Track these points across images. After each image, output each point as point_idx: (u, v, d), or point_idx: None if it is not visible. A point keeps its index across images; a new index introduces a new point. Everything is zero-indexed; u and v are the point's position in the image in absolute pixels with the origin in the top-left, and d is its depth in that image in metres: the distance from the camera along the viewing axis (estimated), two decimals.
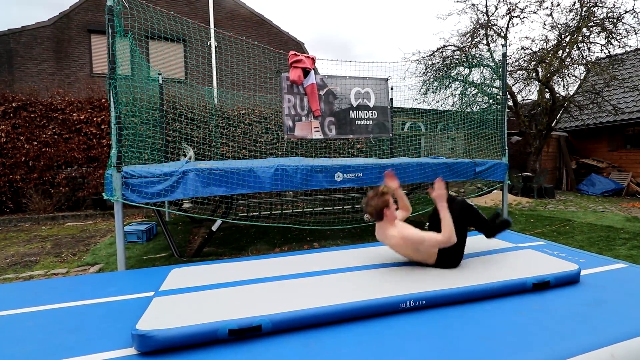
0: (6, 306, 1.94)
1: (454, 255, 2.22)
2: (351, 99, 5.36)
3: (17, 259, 4.12)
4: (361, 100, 5.43)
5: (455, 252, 2.21)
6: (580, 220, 5.96)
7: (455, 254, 2.22)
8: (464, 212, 2.32)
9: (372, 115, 5.50)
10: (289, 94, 4.93)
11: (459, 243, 2.17)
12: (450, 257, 2.21)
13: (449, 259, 2.21)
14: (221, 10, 11.04)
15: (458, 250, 2.23)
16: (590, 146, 11.40)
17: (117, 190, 3.02)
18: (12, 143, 6.62)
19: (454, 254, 2.22)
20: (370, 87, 5.49)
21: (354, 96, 5.38)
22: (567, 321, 1.65)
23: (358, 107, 5.41)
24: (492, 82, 6.20)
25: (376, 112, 5.54)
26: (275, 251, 4.32)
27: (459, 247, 2.22)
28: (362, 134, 5.50)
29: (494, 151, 5.23)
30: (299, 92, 4.98)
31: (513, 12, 9.00)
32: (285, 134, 4.92)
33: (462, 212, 2.29)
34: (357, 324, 1.65)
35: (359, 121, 5.43)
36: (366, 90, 5.47)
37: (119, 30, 3.18)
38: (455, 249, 2.19)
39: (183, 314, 1.59)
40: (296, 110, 4.96)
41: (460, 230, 2.19)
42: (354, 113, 5.38)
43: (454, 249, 2.18)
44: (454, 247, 2.17)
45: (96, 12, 9.79)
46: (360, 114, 5.42)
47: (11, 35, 9.25)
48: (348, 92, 5.32)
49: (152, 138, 5.02)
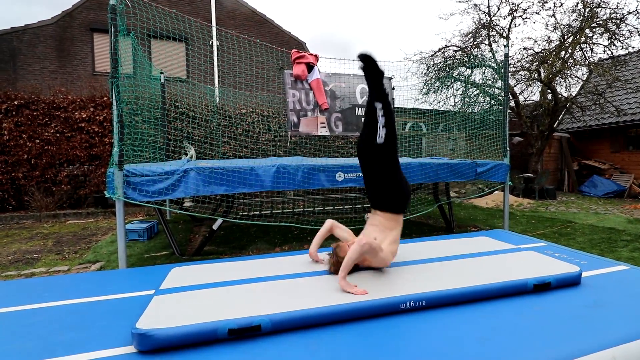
0: (8, 303, 1.94)
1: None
2: (357, 96, 5.32)
3: (19, 256, 4.13)
4: (366, 97, 5.41)
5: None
6: (581, 222, 5.95)
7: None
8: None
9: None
10: (293, 89, 4.90)
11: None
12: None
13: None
14: (223, 10, 11.05)
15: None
16: (592, 147, 11.36)
17: (118, 188, 3.03)
18: (14, 141, 6.64)
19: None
20: None
21: (359, 93, 5.34)
22: (568, 323, 1.65)
23: (363, 103, 5.38)
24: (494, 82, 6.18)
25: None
26: (275, 250, 4.32)
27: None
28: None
29: (495, 152, 5.22)
30: (303, 87, 4.95)
31: (515, 13, 8.98)
32: (289, 130, 4.87)
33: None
34: (357, 325, 1.65)
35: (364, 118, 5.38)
36: None
37: (122, 29, 3.19)
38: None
39: (183, 313, 1.59)
40: (301, 105, 4.90)
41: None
42: (359, 110, 5.33)
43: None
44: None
45: (99, 11, 9.81)
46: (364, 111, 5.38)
47: (14, 33, 9.28)
48: (353, 90, 5.28)
49: (153, 137, 5.03)
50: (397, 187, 2.04)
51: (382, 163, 2.04)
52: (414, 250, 2.74)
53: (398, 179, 2.07)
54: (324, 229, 2.32)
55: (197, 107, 6.71)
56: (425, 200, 6.91)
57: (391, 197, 2.05)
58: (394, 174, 2.06)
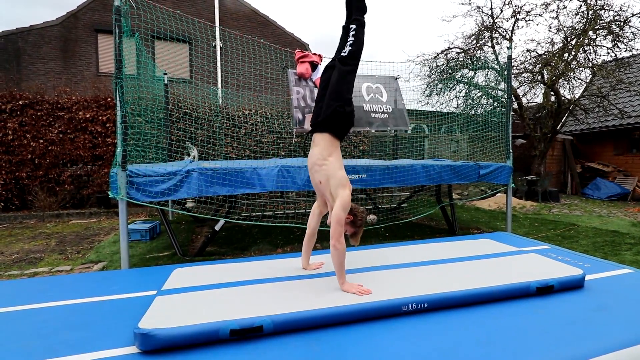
0: (11, 302, 1.96)
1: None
2: (363, 93, 5.30)
3: (22, 256, 4.15)
4: (373, 94, 5.38)
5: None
6: (585, 225, 5.92)
7: None
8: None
9: (386, 109, 5.42)
10: (297, 86, 4.90)
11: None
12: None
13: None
14: (226, 11, 11.09)
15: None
16: (595, 150, 11.31)
17: (121, 188, 3.04)
18: (18, 140, 6.68)
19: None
20: (380, 83, 5.46)
21: (366, 90, 5.33)
22: (571, 326, 1.64)
23: (371, 100, 5.35)
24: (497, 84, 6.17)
25: (390, 107, 5.46)
26: (277, 252, 4.32)
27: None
28: (379, 127, 5.41)
29: (498, 154, 5.20)
30: (307, 85, 4.96)
31: (518, 15, 8.97)
32: (295, 127, 4.85)
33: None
34: (359, 326, 1.65)
35: (374, 114, 5.33)
36: (377, 86, 5.43)
37: (126, 30, 3.20)
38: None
39: (185, 314, 1.60)
40: (306, 101, 4.88)
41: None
42: (367, 106, 5.30)
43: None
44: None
45: (103, 12, 9.87)
46: (374, 107, 5.34)
47: (19, 34, 9.35)
48: (359, 87, 5.26)
49: (156, 137, 5.05)
50: (342, 108, 2.05)
51: (338, 75, 2.08)
52: (417, 252, 2.74)
53: (346, 98, 2.10)
54: (306, 239, 2.33)
55: (200, 108, 6.73)
56: (427, 202, 6.89)
57: (336, 117, 2.04)
58: (344, 91, 2.09)
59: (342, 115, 2.04)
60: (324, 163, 2.01)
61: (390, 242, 3.51)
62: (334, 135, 2.05)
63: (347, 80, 2.10)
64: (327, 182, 1.99)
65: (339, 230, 1.89)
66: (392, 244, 3.10)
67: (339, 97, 2.05)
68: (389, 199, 7.64)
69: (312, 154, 2.08)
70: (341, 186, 1.95)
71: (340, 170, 2.01)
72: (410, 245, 3.03)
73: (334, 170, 1.99)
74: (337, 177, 1.97)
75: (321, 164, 2.02)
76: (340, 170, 2.01)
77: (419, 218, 6.08)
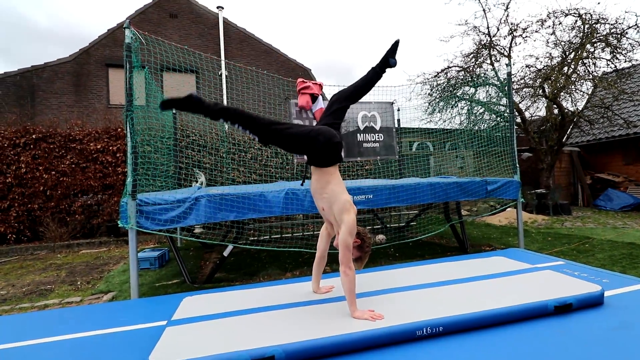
0: (22, 337, 1.95)
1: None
2: (358, 122, 5.46)
3: (32, 288, 4.17)
4: (368, 123, 5.54)
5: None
6: (600, 238, 5.77)
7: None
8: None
9: (378, 137, 5.60)
10: (298, 119, 5.05)
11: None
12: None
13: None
14: (231, 42, 11.53)
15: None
16: (604, 160, 11.18)
17: (132, 217, 3.08)
18: (31, 173, 6.86)
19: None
20: (376, 110, 5.60)
21: (361, 119, 5.49)
22: (592, 346, 1.58)
23: (365, 130, 5.51)
24: (499, 100, 6.22)
25: (382, 135, 5.64)
26: (286, 276, 4.28)
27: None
28: (369, 156, 5.57)
29: (505, 169, 5.18)
30: (307, 117, 5.09)
31: (515, 32, 9.16)
32: (295, 158, 4.99)
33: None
34: (372, 354, 1.61)
35: (366, 144, 5.52)
36: (372, 114, 5.58)
37: (137, 65, 3.35)
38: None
39: (195, 345, 1.58)
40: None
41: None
42: (361, 136, 5.48)
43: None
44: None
45: (113, 47, 10.33)
46: (367, 137, 5.52)
47: (34, 71, 9.79)
48: (355, 116, 5.43)
49: (165, 165, 5.15)
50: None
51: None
52: (428, 272, 2.69)
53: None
54: (316, 262, 2.31)
55: (207, 135, 6.88)
56: (436, 220, 6.81)
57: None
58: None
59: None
60: (324, 191, 2.01)
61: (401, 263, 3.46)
62: (325, 166, 2.04)
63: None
64: (331, 209, 1.99)
65: (347, 256, 1.87)
66: (402, 265, 3.06)
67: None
68: (396, 217, 7.58)
69: (312, 182, 2.10)
70: (345, 211, 1.92)
71: (342, 195, 1.98)
72: (421, 265, 2.98)
73: (335, 195, 1.98)
74: (340, 202, 1.95)
75: (321, 193, 2.02)
76: (342, 194, 1.99)
77: (428, 236, 5.99)
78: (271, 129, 1.94)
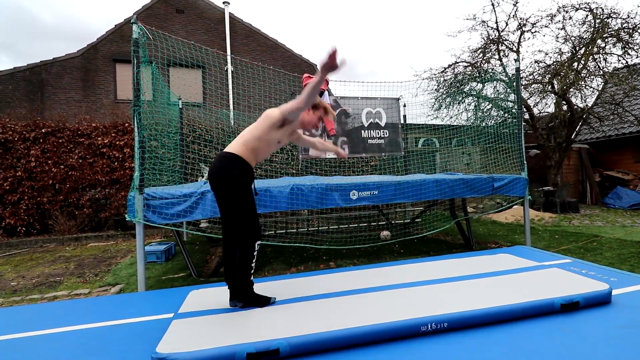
0: (32, 328, 1.99)
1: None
2: (362, 119, 5.45)
3: (42, 280, 4.24)
4: (372, 119, 5.52)
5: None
6: (608, 236, 5.70)
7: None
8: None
9: (383, 134, 5.57)
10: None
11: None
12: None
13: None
14: (237, 37, 11.52)
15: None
16: (613, 158, 11.00)
17: (139, 211, 3.11)
18: (40, 167, 6.95)
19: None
20: (381, 106, 5.57)
21: (365, 116, 5.47)
22: (600, 345, 1.57)
23: (369, 126, 5.48)
24: (507, 96, 6.14)
25: (387, 131, 5.61)
26: (291, 270, 4.30)
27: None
28: (374, 152, 5.55)
29: (512, 165, 5.12)
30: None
31: (524, 27, 9.01)
32: (300, 154, 4.99)
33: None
34: (377, 348, 1.61)
35: (371, 140, 5.50)
36: (377, 110, 5.56)
37: (144, 60, 3.36)
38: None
39: (201, 337, 1.60)
40: (310, 130, 5.02)
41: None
42: (365, 132, 5.46)
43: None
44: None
45: (121, 43, 10.39)
46: (372, 133, 5.50)
47: (43, 66, 9.90)
48: (359, 113, 5.41)
49: (172, 160, 5.18)
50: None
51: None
52: (433, 268, 2.69)
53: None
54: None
55: (213, 131, 6.90)
56: (442, 217, 6.78)
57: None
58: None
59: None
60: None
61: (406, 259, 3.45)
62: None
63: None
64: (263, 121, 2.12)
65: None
66: (407, 261, 3.05)
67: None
68: (402, 214, 7.56)
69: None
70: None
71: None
72: (426, 262, 2.98)
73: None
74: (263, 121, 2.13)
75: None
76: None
77: (433, 233, 5.97)
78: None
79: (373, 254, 4.94)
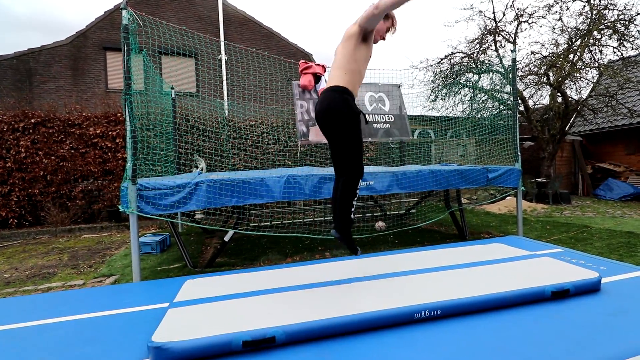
0: (26, 318, 1.98)
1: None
2: (365, 103, 5.33)
3: (35, 271, 4.22)
4: (376, 104, 5.40)
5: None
6: (598, 226, 5.80)
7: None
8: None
9: (388, 119, 5.43)
10: (301, 100, 4.96)
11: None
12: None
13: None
14: (231, 25, 11.32)
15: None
16: (606, 150, 11.13)
17: (132, 202, 3.08)
18: (31, 158, 6.84)
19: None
20: (383, 92, 5.49)
21: (368, 100, 5.35)
22: (588, 331, 1.60)
23: (373, 111, 5.37)
24: (502, 87, 6.15)
25: (393, 116, 5.47)
26: (287, 261, 4.32)
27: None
28: (381, 138, 5.42)
29: (506, 157, 5.16)
30: (311, 97, 5.01)
31: (521, 18, 8.97)
32: (299, 139, 4.91)
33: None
34: (371, 335, 1.63)
35: (376, 124, 5.35)
36: (380, 95, 5.46)
37: (134, 48, 3.29)
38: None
39: (197, 326, 1.60)
40: (309, 114, 4.93)
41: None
42: (370, 117, 5.32)
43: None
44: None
45: (111, 30, 10.15)
46: (376, 118, 5.36)
47: (31, 54, 9.65)
48: (362, 98, 5.30)
49: (165, 151, 5.13)
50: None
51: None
52: (427, 258, 2.72)
53: None
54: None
55: (207, 121, 6.83)
56: (436, 208, 6.83)
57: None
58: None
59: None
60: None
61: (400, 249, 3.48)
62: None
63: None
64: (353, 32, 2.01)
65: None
66: (402, 251, 3.08)
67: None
68: (397, 205, 7.60)
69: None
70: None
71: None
72: (420, 251, 3.01)
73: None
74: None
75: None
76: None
77: (428, 224, 6.02)
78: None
79: (368, 244, 4.98)
